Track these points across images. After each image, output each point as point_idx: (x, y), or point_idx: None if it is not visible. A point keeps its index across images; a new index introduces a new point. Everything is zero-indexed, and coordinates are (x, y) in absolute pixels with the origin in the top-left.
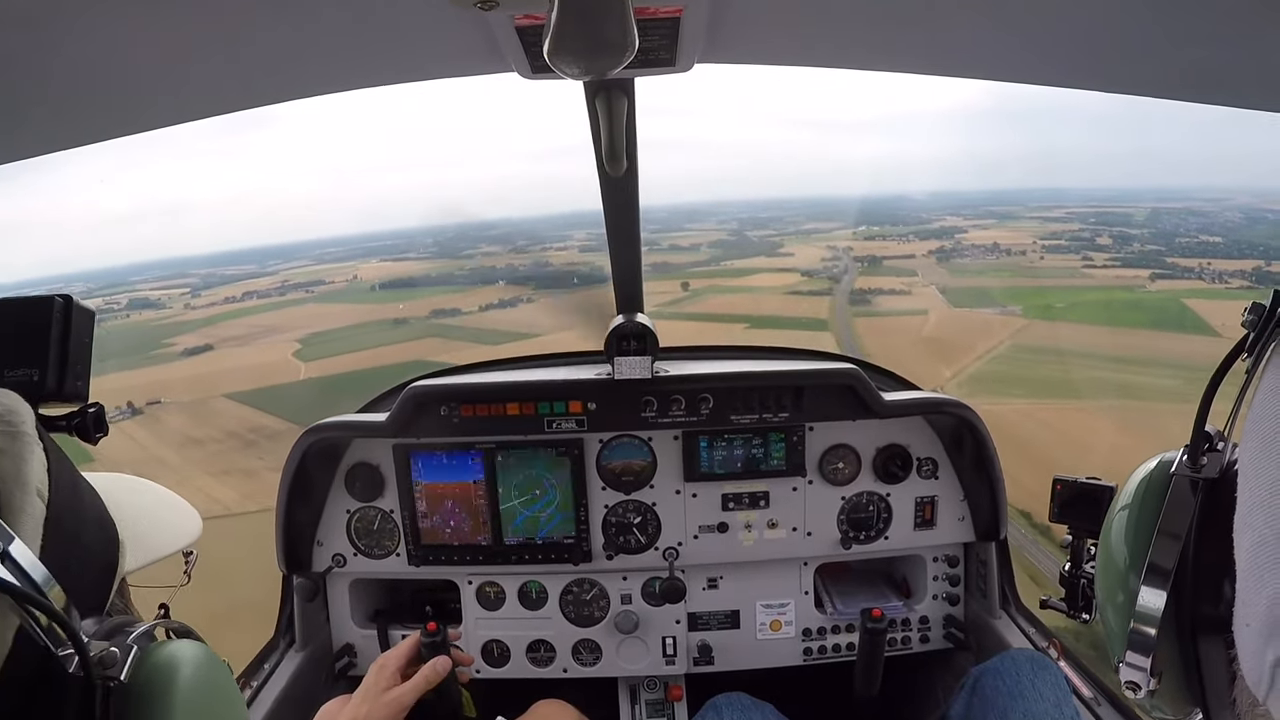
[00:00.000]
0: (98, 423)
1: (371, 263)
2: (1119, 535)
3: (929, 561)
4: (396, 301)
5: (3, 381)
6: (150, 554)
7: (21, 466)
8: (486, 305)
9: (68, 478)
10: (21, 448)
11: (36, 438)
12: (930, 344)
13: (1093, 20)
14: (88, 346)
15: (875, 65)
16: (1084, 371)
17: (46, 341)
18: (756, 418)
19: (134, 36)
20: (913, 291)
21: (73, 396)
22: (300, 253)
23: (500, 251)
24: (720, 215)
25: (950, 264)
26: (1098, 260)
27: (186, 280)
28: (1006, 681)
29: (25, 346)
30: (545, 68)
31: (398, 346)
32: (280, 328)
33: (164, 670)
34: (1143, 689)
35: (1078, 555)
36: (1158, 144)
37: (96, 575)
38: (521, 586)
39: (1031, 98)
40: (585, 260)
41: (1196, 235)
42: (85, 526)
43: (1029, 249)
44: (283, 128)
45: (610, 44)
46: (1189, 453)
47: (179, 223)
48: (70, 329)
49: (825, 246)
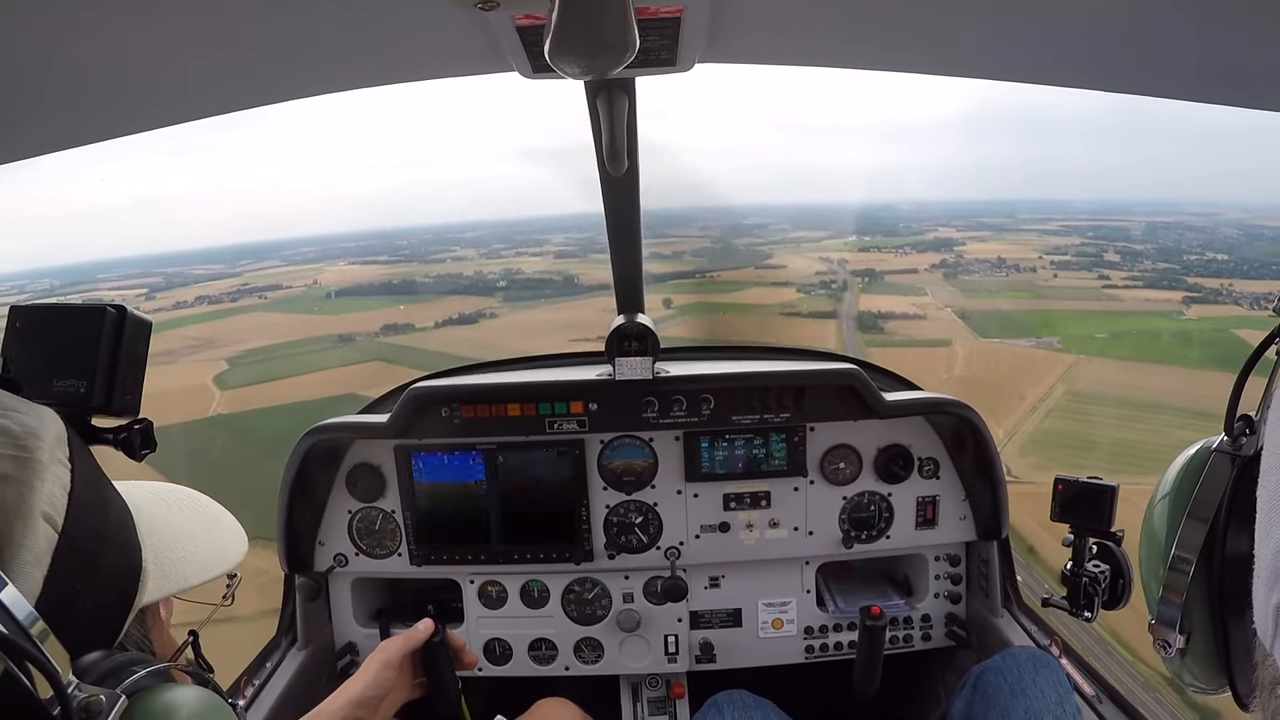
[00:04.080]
0: (145, 439)
1: (339, 265)
2: (1160, 512)
3: (931, 560)
4: (349, 312)
5: (51, 391)
6: (177, 583)
7: (27, 495)
8: (444, 320)
9: (94, 500)
10: (30, 475)
11: (57, 460)
12: (966, 388)
13: (1094, 19)
14: (141, 359)
15: (875, 65)
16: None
17: (96, 353)
18: (758, 418)
19: (134, 37)
20: (928, 315)
21: (121, 410)
22: (274, 252)
23: (473, 256)
24: (703, 221)
25: (959, 281)
26: (1116, 279)
27: (149, 280)
28: (1008, 679)
29: (75, 357)
30: (546, 67)
31: (334, 372)
32: (217, 341)
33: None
34: (1172, 648)
35: (1079, 554)
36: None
37: (109, 606)
38: (523, 585)
39: (1022, 108)
40: (559, 269)
41: (1203, 253)
42: (105, 552)
43: (1037, 265)
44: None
45: (611, 44)
46: (1225, 429)
47: (162, 218)
48: (122, 341)
49: (818, 258)
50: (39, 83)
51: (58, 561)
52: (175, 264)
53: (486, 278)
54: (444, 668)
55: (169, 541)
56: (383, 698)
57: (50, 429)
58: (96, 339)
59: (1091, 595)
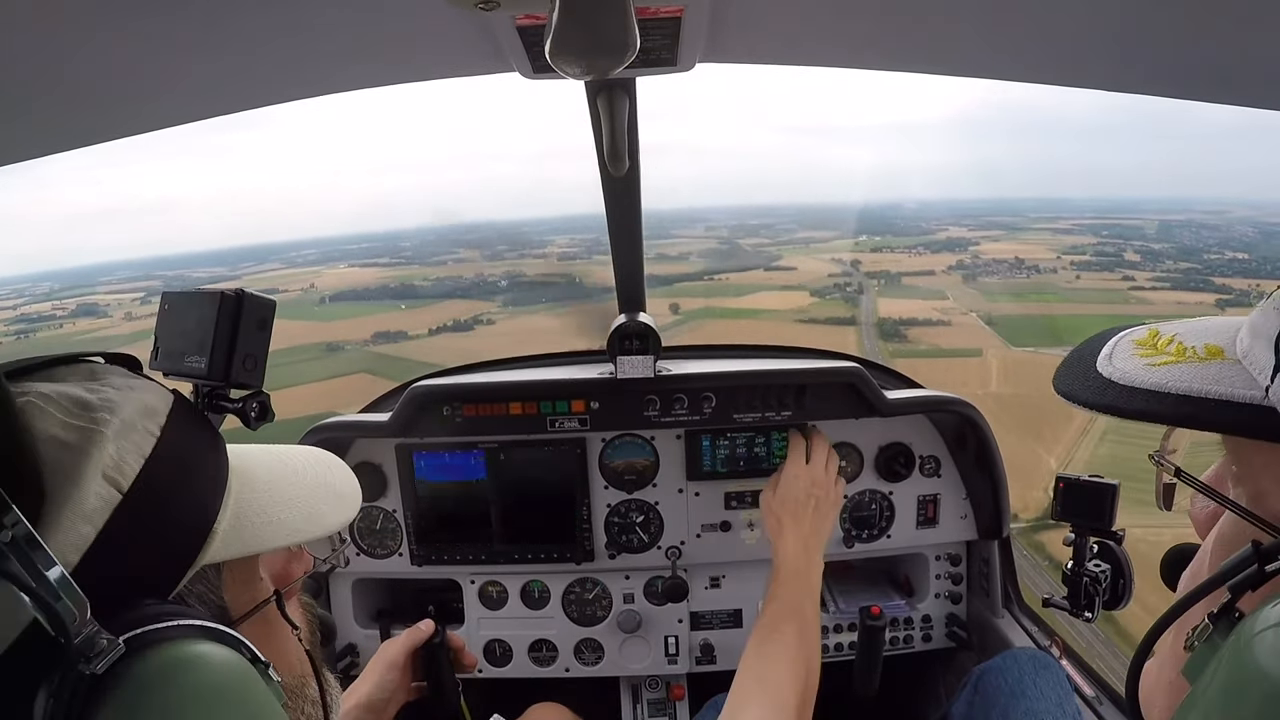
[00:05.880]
0: (262, 410)
1: (339, 268)
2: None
3: (931, 560)
4: (342, 318)
5: (181, 366)
6: (251, 546)
7: (81, 461)
8: (438, 327)
9: (173, 465)
10: (88, 442)
11: (137, 429)
12: (1005, 407)
13: (1094, 19)
14: (261, 338)
15: (876, 65)
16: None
17: (213, 332)
18: (759, 416)
19: (134, 37)
20: (952, 321)
21: (242, 383)
22: (275, 254)
23: (476, 258)
24: (709, 221)
25: (979, 284)
26: (1141, 280)
27: (148, 284)
28: (1008, 680)
29: (198, 337)
30: (547, 67)
31: (317, 386)
32: None
33: (149, 674)
34: None
35: (1080, 553)
36: (1151, 154)
37: (167, 562)
38: (524, 586)
39: (1027, 107)
40: (563, 271)
41: (1222, 252)
42: (172, 512)
43: (1057, 266)
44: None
45: (611, 44)
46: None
47: (166, 220)
48: (240, 321)
49: (829, 259)
50: (40, 83)
51: (117, 518)
52: (177, 267)
53: (488, 280)
54: (444, 669)
55: (261, 505)
56: (389, 700)
57: (134, 402)
58: (214, 319)
59: (1092, 595)
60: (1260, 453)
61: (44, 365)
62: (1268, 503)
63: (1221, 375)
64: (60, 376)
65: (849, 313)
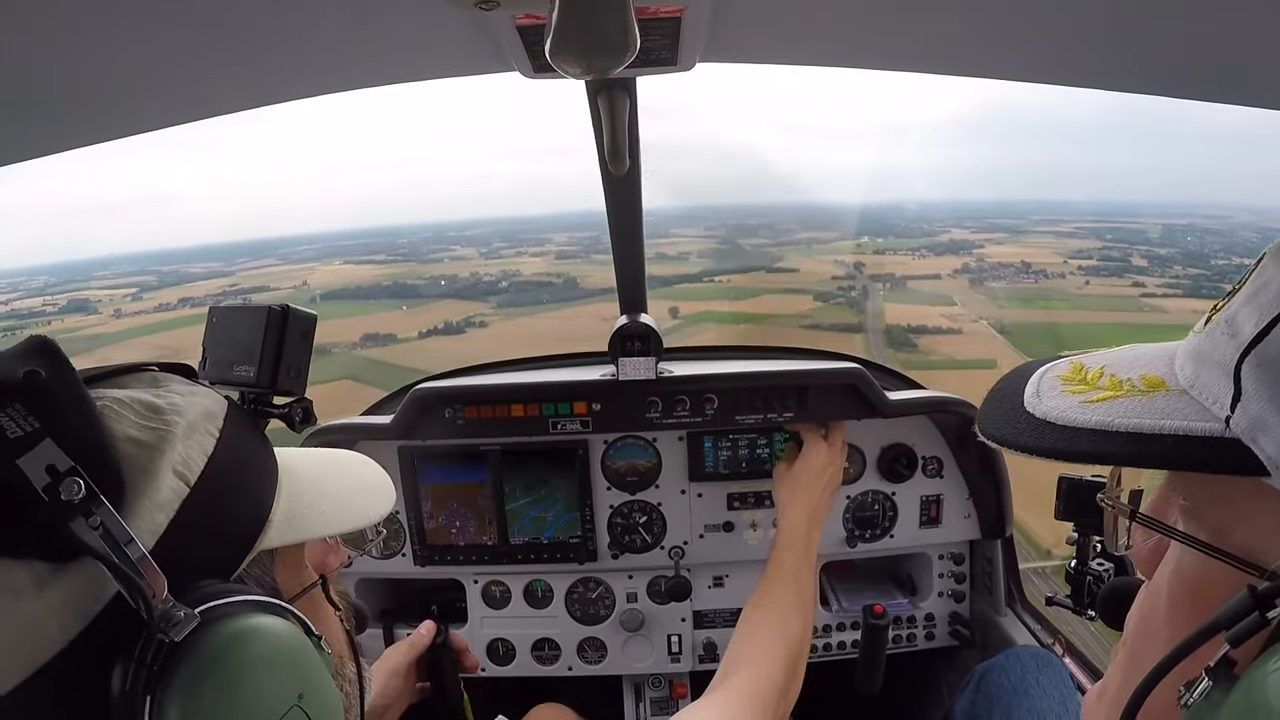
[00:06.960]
0: (306, 415)
1: (334, 264)
2: None
3: (935, 559)
4: (332, 318)
5: (231, 375)
6: (301, 534)
7: (156, 457)
8: (429, 330)
9: (232, 463)
10: (161, 441)
11: (200, 431)
12: None
13: (1094, 18)
14: (304, 348)
15: (877, 64)
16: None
17: (260, 343)
18: (761, 417)
19: (133, 37)
20: (963, 330)
21: (287, 390)
22: (271, 250)
23: (472, 256)
24: (708, 221)
25: (986, 289)
26: (1151, 287)
27: (143, 279)
28: (1011, 678)
29: (246, 348)
30: (547, 67)
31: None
32: (186, 351)
33: (221, 642)
34: None
35: (1083, 552)
36: (1156, 158)
37: (230, 547)
38: (527, 585)
39: (1028, 108)
40: (560, 270)
41: (1229, 257)
42: (232, 504)
43: (1064, 270)
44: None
45: (611, 44)
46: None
47: (163, 215)
48: (285, 333)
49: (832, 260)
50: (38, 83)
51: (186, 508)
52: (173, 261)
53: (483, 280)
54: (447, 670)
55: (307, 500)
56: (389, 706)
57: (196, 407)
58: (260, 333)
59: (1095, 593)
60: (1216, 485)
61: (111, 374)
62: (1232, 540)
63: (1169, 408)
64: (126, 384)
65: (855, 319)
